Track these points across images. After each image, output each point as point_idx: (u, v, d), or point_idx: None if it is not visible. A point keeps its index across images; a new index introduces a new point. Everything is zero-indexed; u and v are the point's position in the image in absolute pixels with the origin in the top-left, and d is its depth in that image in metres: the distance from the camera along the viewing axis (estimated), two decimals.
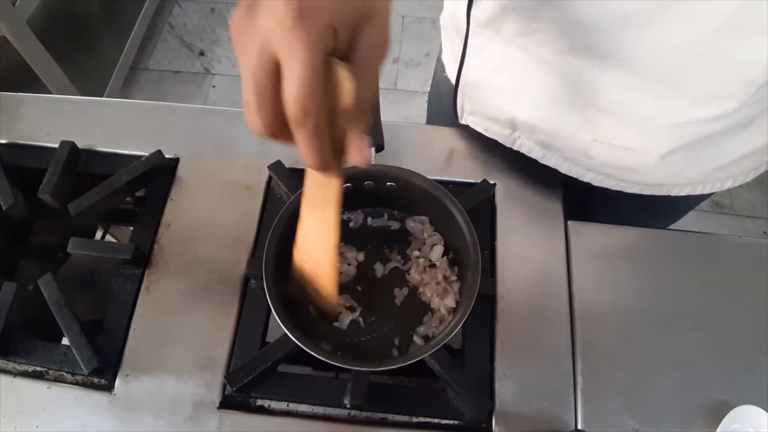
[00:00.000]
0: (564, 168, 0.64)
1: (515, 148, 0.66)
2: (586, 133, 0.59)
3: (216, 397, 0.56)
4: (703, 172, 0.61)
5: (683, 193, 0.63)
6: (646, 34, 0.47)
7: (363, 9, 0.34)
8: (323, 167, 0.37)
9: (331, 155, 0.37)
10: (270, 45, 0.32)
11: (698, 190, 0.63)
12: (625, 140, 0.57)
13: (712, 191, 0.64)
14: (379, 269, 0.62)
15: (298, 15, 0.31)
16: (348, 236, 0.63)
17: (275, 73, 0.33)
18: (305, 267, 0.52)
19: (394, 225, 0.64)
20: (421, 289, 0.61)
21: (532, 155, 0.65)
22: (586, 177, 0.64)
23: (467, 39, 0.60)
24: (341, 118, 0.36)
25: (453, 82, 0.67)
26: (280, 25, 0.31)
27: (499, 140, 0.67)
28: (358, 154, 0.37)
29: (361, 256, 0.62)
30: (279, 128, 0.35)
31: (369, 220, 0.64)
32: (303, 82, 0.32)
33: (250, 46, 0.33)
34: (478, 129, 0.68)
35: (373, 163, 0.62)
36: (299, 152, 0.36)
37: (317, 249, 0.49)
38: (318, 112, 0.33)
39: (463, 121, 0.69)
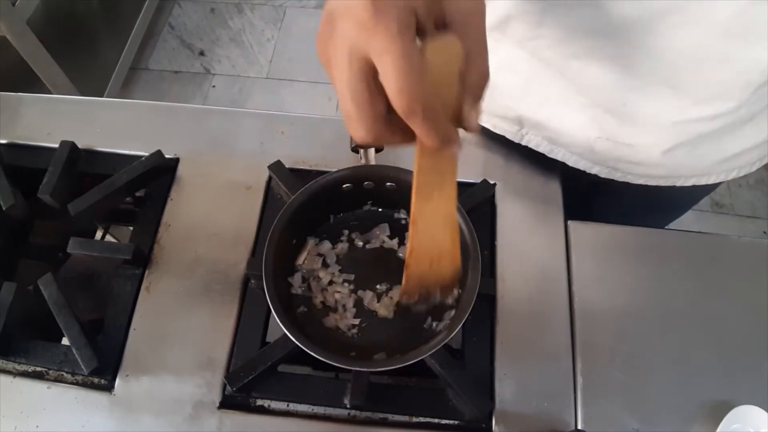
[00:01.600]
0: (571, 162, 0.65)
1: (523, 143, 0.67)
2: (591, 131, 0.60)
3: (216, 397, 0.56)
4: (707, 164, 0.62)
5: (689, 184, 0.64)
6: (648, 40, 0.48)
7: None
8: (445, 144, 0.36)
9: (451, 130, 0.36)
10: (357, 48, 0.32)
11: (703, 181, 0.64)
12: (629, 138, 0.59)
13: (718, 181, 0.65)
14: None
15: (374, 9, 0.31)
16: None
17: (369, 75, 0.33)
18: (424, 261, 0.51)
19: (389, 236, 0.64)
20: None
21: (540, 150, 0.66)
22: (593, 170, 0.65)
23: None
24: (454, 88, 0.36)
25: None
26: (360, 25, 0.32)
27: (507, 136, 0.67)
28: (473, 122, 0.36)
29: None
30: (382, 131, 0.35)
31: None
32: (399, 71, 0.32)
33: (338, 55, 0.33)
34: (487, 126, 0.69)
35: (373, 163, 0.62)
36: (419, 137, 0.35)
37: (438, 234, 0.48)
38: (423, 95, 0.33)
39: None
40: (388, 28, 0.31)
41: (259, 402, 0.57)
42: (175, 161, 0.69)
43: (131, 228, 0.70)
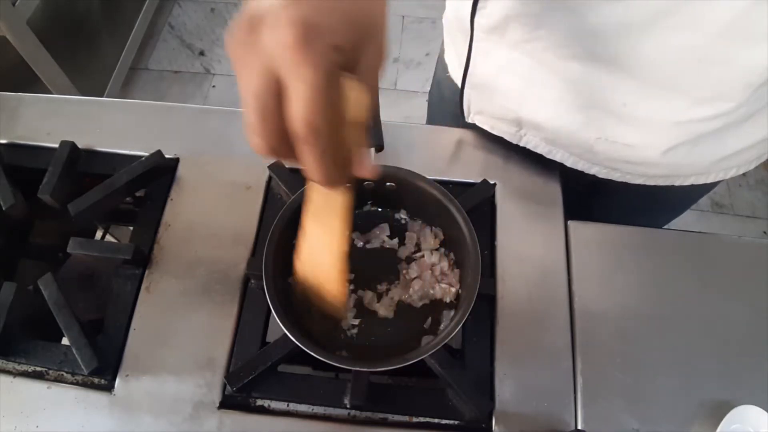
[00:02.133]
0: (570, 162, 0.65)
1: (521, 144, 0.67)
2: (590, 132, 0.60)
3: (216, 397, 0.56)
4: (705, 163, 0.62)
5: (687, 183, 0.64)
6: (647, 41, 0.48)
7: (365, 24, 0.34)
8: (330, 183, 0.36)
9: (338, 170, 0.36)
10: (274, 66, 0.32)
11: (702, 180, 0.64)
12: (628, 138, 0.59)
13: (716, 180, 0.65)
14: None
15: (303, 36, 0.30)
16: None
17: (278, 93, 0.33)
18: (309, 276, 0.52)
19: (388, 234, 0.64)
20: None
21: (538, 151, 0.66)
22: (592, 170, 0.65)
23: (472, 43, 0.61)
24: (346, 130, 0.36)
25: (458, 82, 0.68)
26: (284, 47, 0.31)
27: (506, 137, 0.68)
28: (364, 168, 0.38)
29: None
30: (281, 147, 0.35)
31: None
32: (311, 102, 0.31)
33: (252, 66, 0.33)
34: (485, 127, 0.69)
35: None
36: (305, 168, 0.35)
37: (324, 260, 0.49)
38: (326, 130, 0.33)
39: (469, 120, 0.70)
40: (312, 58, 0.31)
41: (259, 402, 0.57)
42: (175, 161, 0.69)
43: (131, 228, 0.70)
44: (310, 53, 0.31)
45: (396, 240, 0.63)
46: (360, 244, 0.63)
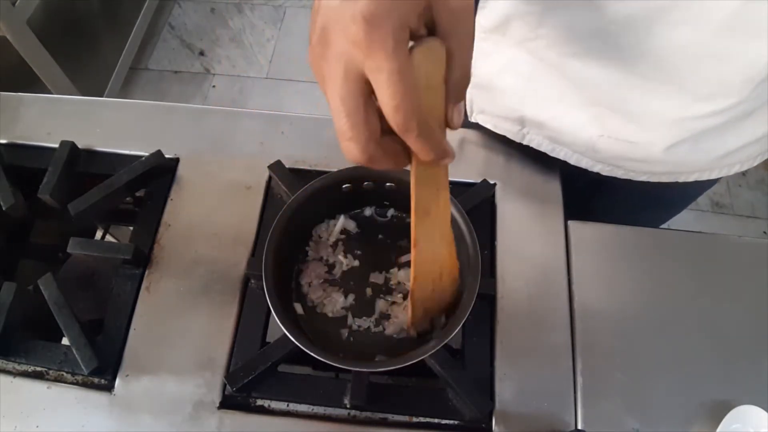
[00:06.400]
0: (573, 160, 0.65)
1: (525, 142, 0.67)
2: (593, 129, 0.60)
3: (216, 397, 0.56)
4: (708, 160, 0.62)
5: (691, 179, 0.64)
6: (648, 38, 0.48)
7: None
8: (439, 158, 0.37)
9: (444, 143, 0.37)
10: (352, 66, 0.32)
11: (705, 176, 0.64)
12: (630, 135, 0.59)
13: (719, 176, 0.65)
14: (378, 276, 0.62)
15: (368, 28, 0.31)
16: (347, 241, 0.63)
17: (364, 93, 0.33)
18: (427, 286, 0.52)
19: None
20: None
21: (542, 149, 0.66)
22: (595, 168, 0.65)
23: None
24: (440, 92, 0.36)
25: None
26: (354, 44, 0.32)
27: (509, 136, 0.68)
28: (457, 122, 0.37)
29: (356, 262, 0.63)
30: (376, 152, 0.35)
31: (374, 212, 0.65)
32: (395, 89, 0.32)
33: (332, 73, 0.33)
34: (488, 126, 0.69)
35: None
36: (415, 153, 0.36)
37: (438, 251, 0.49)
38: (418, 110, 0.33)
39: (472, 119, 0.70)
40: (383, 47, 0.31)
41: (259, 402, 0.57)
42: (175, 161, 0.69)
43: (131, 228, 0.70)
44: (379, 41, 0.31)
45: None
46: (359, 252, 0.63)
